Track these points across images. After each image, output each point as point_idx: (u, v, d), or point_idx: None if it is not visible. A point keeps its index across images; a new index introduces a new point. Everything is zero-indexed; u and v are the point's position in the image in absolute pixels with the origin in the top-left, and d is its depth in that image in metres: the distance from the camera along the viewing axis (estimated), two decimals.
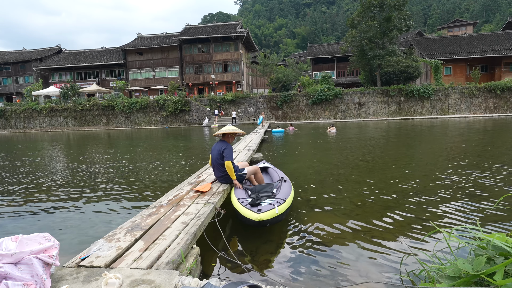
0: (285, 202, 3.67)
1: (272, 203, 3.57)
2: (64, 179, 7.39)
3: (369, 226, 3.84)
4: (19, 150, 14.82)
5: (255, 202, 3.57)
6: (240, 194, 4.09)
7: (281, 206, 3.52)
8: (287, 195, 3.89)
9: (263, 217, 3.25)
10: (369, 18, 30.68)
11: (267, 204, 3.54)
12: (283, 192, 4.02)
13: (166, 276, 2.04)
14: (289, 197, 3.89)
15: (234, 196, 4.01)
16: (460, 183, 5.62)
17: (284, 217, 3.79)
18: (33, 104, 34.75)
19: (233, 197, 4.01)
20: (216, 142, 4.71)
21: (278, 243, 3.45)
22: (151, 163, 9.19)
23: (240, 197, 3.91)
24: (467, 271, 1.72)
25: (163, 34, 43.88)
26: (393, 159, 8.71)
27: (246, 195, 4.12)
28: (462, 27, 63.77)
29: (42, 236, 2.13)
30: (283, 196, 3.81)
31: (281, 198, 3.75)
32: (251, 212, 3.35)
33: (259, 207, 3.44)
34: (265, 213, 3.30)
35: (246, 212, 3.42)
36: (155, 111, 33.27)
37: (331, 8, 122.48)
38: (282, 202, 3.62)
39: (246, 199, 3.81)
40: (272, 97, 32.60)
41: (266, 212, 3.31)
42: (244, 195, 4.02)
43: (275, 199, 3.72)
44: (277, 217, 3.41)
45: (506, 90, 30.03)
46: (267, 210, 3.34)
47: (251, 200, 3.64)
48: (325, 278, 2.70)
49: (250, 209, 3.41)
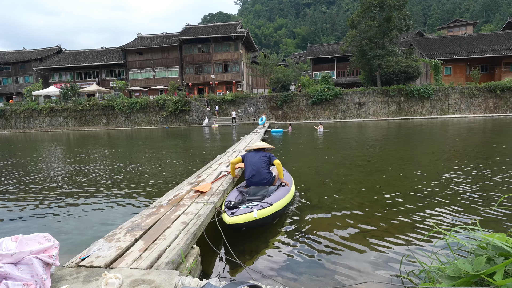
0: (271, 206, 3.54)
1: (253, 206, 3.46)
2: (64, 179, 7.39)
3: (369, 226, 3.84)
4: (19, 150, 14.82)
5: (233, 205, 3.49)
6: (232, 196, 4.04)
7: (262, 210, 3.40)
8: (276, 200, 3.75)
9: (234, 221, 3.18)
10: (369, 18, 30.66)
11: (245, 208, 3.43)
12: (275, 196, 3.86)
13: (166, 276, 2.04)
14: (279, 202, 3.76)
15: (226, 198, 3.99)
16: (460, 183, 5.62)
17: (270, 221, 3.68)
18: (33, 104, 34.70)
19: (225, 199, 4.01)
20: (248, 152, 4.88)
21: (278, 243, 3.44)
22: (151, 163, 9.19)
23: (228, 199, 3.86)
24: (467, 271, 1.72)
25: (163, 34, 43.85)
26: (393, 159, 8.71)
27: (238, 197, 4.07)
28: (462, 27, 63.72)
29: (42, 236, 2.13)
30: (271, 200, 3.67)
31: (268, 202, 3.61)
32: (225, 214, 3.32)
33: (233, 210, 3.36)
34: (238, 216, 3.22)
35: (223, 214, 3.39)
36: (155, 111, 33.25)
37: (331, 8, 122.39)
38: (266, 206, 3.49)
39: (231, 201, 3.72)
40: (272, 97, 32.59)
41: (240, 215, 3.23)
42: (233, 198, 3.96)
43: (259, 203, 3.59)
44: (256, 221, 3.31)
45: (506, 90, 30.02)
46: (242, 214, 3.26)
47: (229, 203, 3.58)
48: (325, 278, 2.70)
49: (225, 212, 3.36)
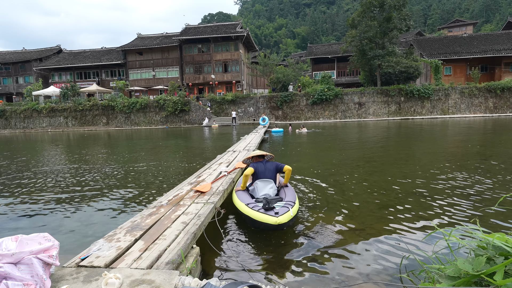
0: (296, 204, 3.67)
1: (285, 205, 3.57)
2: (64, 179, 7.38)
3: (369, 226, 3.84)
4: (19, 150, 14.82)
5: (270, 206, 3.51)
6: (246, 199, 3.97)
7: (293, 208, 3.53)
8: (294, 198, 3.89)
9: (282, 220, 3.23)
10: (369, 18, 30.65)
11: (281, 207, 3.52)
12: (289, 195, 4.01)
13: (166, 276, 2.04)
14: (297, 200, 3.90)
15: (240, 201, 3.88)
16: (460, 183, 5.62)
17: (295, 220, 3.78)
18: (33, 104, 34.69)
19: (239, 203, 3.88)
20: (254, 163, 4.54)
21: (278, 243, 3.44)
22: (151, 163, 9.19)
23: (248, 202, 3.80)
24: (467, 271, 1.72)
25: (163, 34, 43.85)
26: (393, 159, 8.71)
27: (252, 199, 4.01)
28: (462, 27, 63.71)
29: (42, 236, 2.13)
30: (291, 199, 3.82)
31: (291, 200, 3.76)
32: (269, 216, 3.30)
33: (275, 211, 3.39)
34: (283, 216, 3.28)
35: (262, 217, 3.35)
36: (155, 111, 33.25)
37: (331, 8, 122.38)
38: (293, 205, 3.62)
39: (256, 203, 3.72)
40: (272, 97, 32.59)
41: (283, 215, 3.30)
42: (250, 200, 3.92)
43: (285, 202, 3.72)
44: (292, 219, 3.41)
45: (506, 90, 30.03)
46: (284, 213, 3.32)
47: (263, 205, 3.56)
48: (325, 278, 2.70)
49: (266, 213, 3.35)
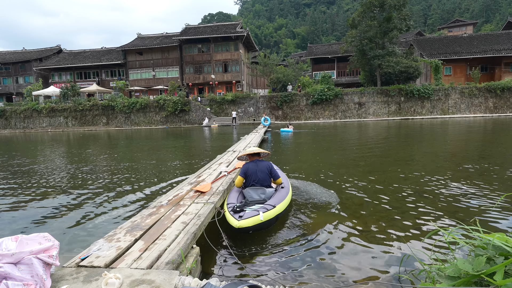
0: (274, 209, 3.56)
1: (258, 209, 3.48)
2: (64, 179, 7.39)
3: (369, 226, 3.84)
4: (19, 151, 14.82)
5: (239, 209, 3.49)
6: (232, 198, 4.00)
7: (267, 212, 3.42)
8: (278, 202, 3.77)
9: (243, 224, 3.19)
10: (369, 18, 30.67)
11: (251, 210, 3.45)
12: (276, 198, 3.87)
13: (166, 276, 2.04)
14: (281, 204, 3.77)
15: (226, 200, 3.97)
16: (460, 183, 5.62)
17: (274, 223, 3.71)
18: (33, 104, 34.70)
19: (225, 201, 3.98)
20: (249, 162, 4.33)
21: (278, 243, 3.44)
22: (151, 163, 9.19)
23: (230, 201, 3.85)
24: (467, 271, 1.72)
25: (163, 34, 43.84)
26: (393, 159, 8.71)
27: (238, 199, 4.05)
28: (462, 27, 63.69)
29: (42, 236, 2.13)
30: (273, 202, 3.69)
31: (271, 204, 3.63)
32: (232, 218, 3.31)
33: (241, 214, 3.36)
34: (246, 220, 3.23)
35: (229, 218, 3.38)
36: (155, 111, 33.25)
37: (331, 8, 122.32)
38: (270, 208, 3.51)
39: (235, 204, 3.71)
40: (272, 97, 32.59)
41: (248, 219, 3.24)
42: (234, 200, 3.94)
43: (263, 205, 3.60)
44: (262, 224, 3.33)
45: (506, 90, 30.01)
46: (250, 217, 3.27)
47: (234, 206, 3.56)
48: (325, 278, 2.70)
49: (232, 216, 3.35)
